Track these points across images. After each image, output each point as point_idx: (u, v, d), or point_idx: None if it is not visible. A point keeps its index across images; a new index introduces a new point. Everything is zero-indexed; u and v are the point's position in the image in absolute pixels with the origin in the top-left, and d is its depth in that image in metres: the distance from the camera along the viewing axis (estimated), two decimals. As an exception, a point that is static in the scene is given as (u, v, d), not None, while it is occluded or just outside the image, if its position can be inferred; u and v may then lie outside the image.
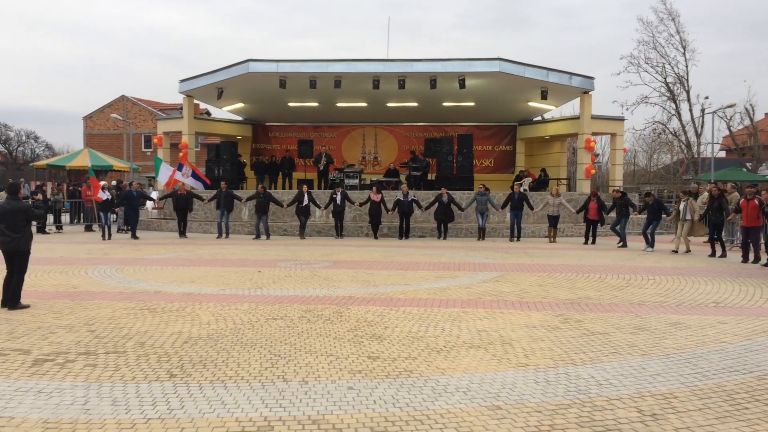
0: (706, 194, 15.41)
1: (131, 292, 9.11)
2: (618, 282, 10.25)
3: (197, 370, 5.21)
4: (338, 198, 18.88)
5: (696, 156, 39.82)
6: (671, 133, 41.97)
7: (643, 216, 17.26)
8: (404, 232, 18.94)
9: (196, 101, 26.99)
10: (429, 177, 24.00)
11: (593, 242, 17.58)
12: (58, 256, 13.54)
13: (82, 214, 23.09)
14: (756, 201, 12.97)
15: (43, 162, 32.79)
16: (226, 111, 27.92)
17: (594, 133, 24.12)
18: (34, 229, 17.40)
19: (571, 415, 4.23)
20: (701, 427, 4.02)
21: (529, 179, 24.90)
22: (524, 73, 21.21)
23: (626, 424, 4.07)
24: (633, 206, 17.27)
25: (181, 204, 19.29)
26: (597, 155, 37.90)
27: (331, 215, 19.70)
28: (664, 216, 16.29)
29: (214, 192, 20.14)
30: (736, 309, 8.05)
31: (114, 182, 23.01)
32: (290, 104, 25.32)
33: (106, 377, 4.99)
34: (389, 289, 9.48)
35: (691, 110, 39.38)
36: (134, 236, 18.61)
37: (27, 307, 7.83)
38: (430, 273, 11.24)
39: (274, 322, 7.06)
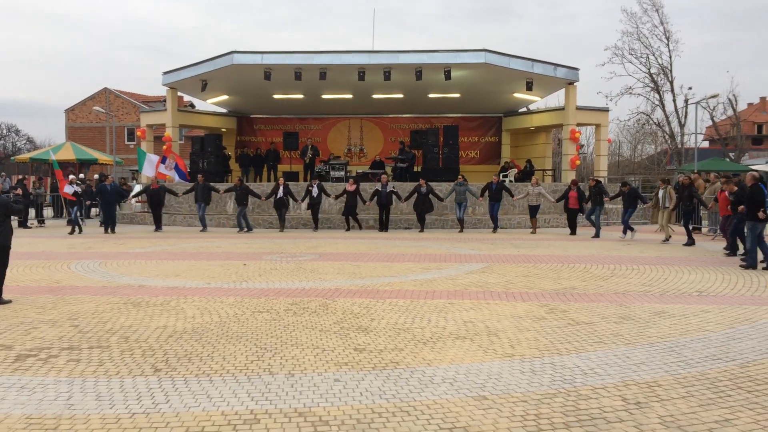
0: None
1: (115, 286, 9.04)
2: (603, 272, 10.32)
3: (182, 364, 5.17)
4: (314, 190, 18.64)
5: (679, 146, 40.15)
6: (655, 123, 42.32)
7: (618, 204, 17.47)
8: (384, 224, 18.68)
9: (180, 93, 26.76)
10: (415, 169, 23.98)
11: (574, 233, 17.49)
12: (40, 251, 13.40)
13: (64, 208, 22.87)
14: (726, 192, 13.09)
15: (26, 156, 32.35)
16: (211, 103, 27.73)
17: (579, 124, 24.21)
18: (15, 223, 17.23)
19: (557, 404, 4.26)
20: (685, 414, 4.06)
21: (515, 170, 24.99)
22: (509, 64, 21.23)
23: (611, 412, 4.10)
24: (607, 194, 17.30)
25: (154, 199, 19.04)
26: (582, 146, 38.04)
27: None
28: (640, 204, 16.44)
29: (191, 185, 20.01)
30: (719, 298, 8.13)
31: (81, 176, 22.77)
32: (275, 96, 25.19)
33: (90, 372, 4.95)
34: (375, 281, 9.48)
35: (674, 101, 39.73)
36: (107, 230, 18.24)
37: (9, 302, 7.74)
38: (416, 264, 11.25)
39: (260, 315, 7.04)
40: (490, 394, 4.45)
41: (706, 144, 50.36)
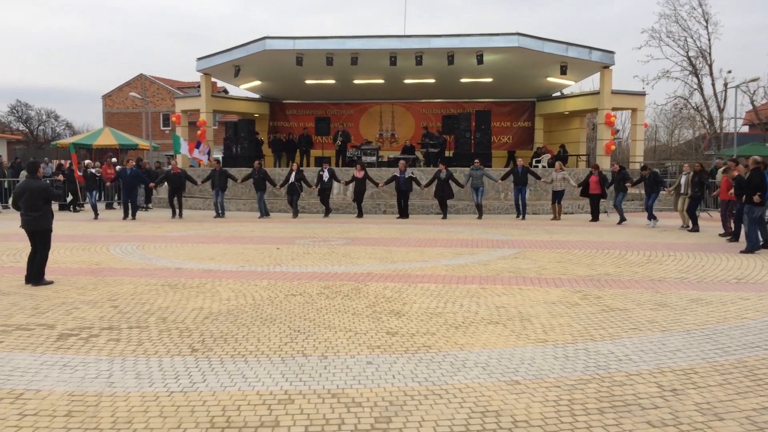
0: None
1: (152, 268, 9.22)
2: (638, 258, 10.18)
3: (218, 344, 5.27)
4: (325, 175, 18.49)
5: (718, 131, 39.21)
6: (693, 108, 41.37)
7: (637, 189, 17.34)
8: (403, 211, 18.30)
9: (213, 79, 27.03)
10: (446, 154, 23.88)
11: (596, 219, 17.29)
12: (81, 234, 13.71)
13: (103, 192, 23.24)
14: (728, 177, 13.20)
15: (67, 141, 33.00)
16: (244, 89, 27.93)
17: (614, 109, 23.85)
18: (55, 207, 17.60)
19: (590, 390, 4.24)
20: (721, 402, 4.01)
21: (548, 155, 24.69)
22: (543, 48, 20.94)
23: (646, 399, 4.07)
24: (630, 179, 17.13)
25: (173, 184, 18.67)
26: (617, 131, 37.41)
27: (349, 193, 19.64)
28: (662, 190, 16.28)
29: (209, 172, 20.05)
30: (758, 285, 7.97)
31: (114, 160, 23.07)
32: (307, 81, 25.27)
33: (129, 351, 5.08)
34: (407, 265, 9.50)
35: (713, 84, 38.73)
36: (126, 216, 17.82)
37: (51, 283, 7.95)
38: (448, 250, 11.24)
39: (293, 298, 7.12)
40: (522, 379, 4.45)
41: (745, 129, 49.05)
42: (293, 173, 18.44)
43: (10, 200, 20.22)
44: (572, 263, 9.72)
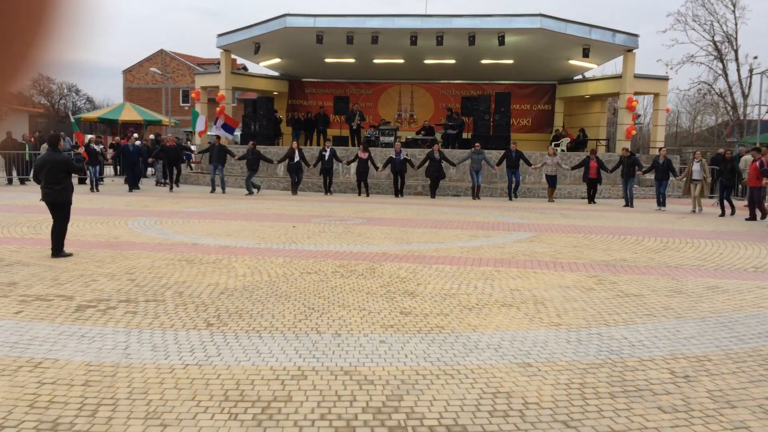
0: None
1: (170, 243, 9.31)
2: (655, 245, 10.11)
3: (233, 320, 5.33)
4: (327, 155, 18.77)
5: (742, 118, 38.58)
6: (717, 93, 40.67)
7: (648, 176, 17.81)
8: (398, 191, 18.91)
9: (233, 56, 26.99)
10: (465, 135, 23.74)
11: (593, 201, 17.88)
12: (99, 207, 13.86)
13: (103, 167, 23.46)
14: (756, 163, 13.87)
15: (93, 114, 33.18)
16: (263, 66, 27.89)
17: (636, 93, 23.49)
18: (75, 180, 17.82)
19: (602, 374, 4.24)
20: (734, 390, 3.99)
21: (567, 139, 24.47)
22: (566, 30, 20.66)
23: (658, 384, 4.06)
24: (640, 166, 17.46)
25: (170, 156, 19.23)
26: (638, 116, 36.94)
27: (353, 173, 19.77)
28: (672, 177, 16.55)
29: (208, 146, 20.28)
30: (776, 275, 7.89)
31: (135, 135, 23.22)
32: (327, 60, 25.15)
33: (146, 324, 5.15)
34: (422, 246, 9.51)
35: (738, 70, 38.02)
36: (131, 189, 18.71)
37: (70, 255, 8.06)
38: (463, 232, 11.22)
39: (308, 276, 7.16)
40: (534, 362, 4.46)
41: (770, 116, 48.21)
42: (296, 152, 18.61)
43: (31, 173, 20.49)
44: (588, 248, 9.67)
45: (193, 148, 23.49)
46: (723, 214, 15.04)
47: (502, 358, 4.51)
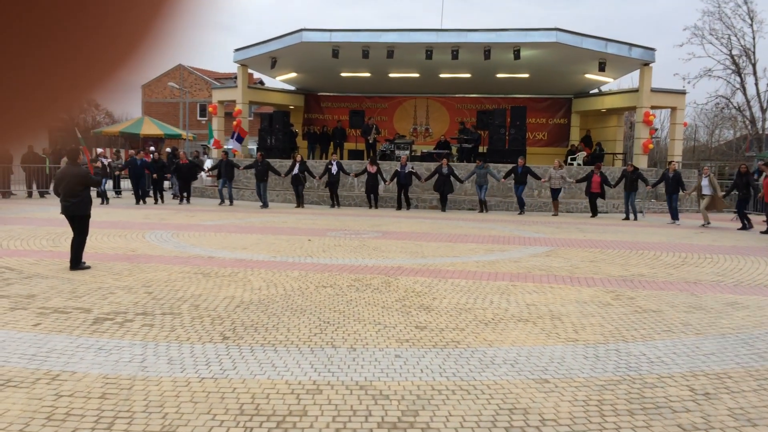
0: None
1: (186, 256, 9.36)
2: (673, 260, 10.00)
3: (249, 333, 5.34)
4: (333, 168, 18.88)
5: (761, 132, 38.23)
6: (735, 108, 40.38)
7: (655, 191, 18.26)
8: (401, 204, 19.00)
9: (250, 71, 27.24)
10: (480, 149, 23.74)
11: (594, 215, 18.05)
12: (117, 220, 13.99)
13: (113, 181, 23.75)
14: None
15: (115, 129, 33.58)
16: (280, 80, 28.10)
17: (653, 107, 23.37)
18: (93, 194, 18.03)
19: (621, 391, 4.19)
20: (756, 407, 3.93)
21: (583, 153, 24.36)
22: (582, 43, 20.63)
23: (677, 402, 4.00)
24: (645, 180, 17.52)
25: (182, 174, 19.69)
26: (656, 130, 36.74)
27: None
28: (681, 191, 16.79)
29: (217, 162, 20.67)
30: (798, 291, 7.77)
31: (152, 148, 23.58)
32: (342, 74, 25.30)
33: (162, 337, 5.17)
34: (438, 260, 9.49)
35: (756, 84, 37.76)
36: (138, 201, 19.22)
37: (88, 268, 8.13)
38: (479, 246, 11.18)
39: (324, 290, 7.16)
40: (552, 378, 4.41)
41: (789, 130, 47.68)
42: (297, 164, 18.69)
43: (51, 186, 20.80)
44: (605, 263, 9.60)
45: (207, 164, 23.74)
46: (743, 227, 15.04)
47: (519, 374, 4.47)
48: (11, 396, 3.87)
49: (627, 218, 17.26)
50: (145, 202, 19.30)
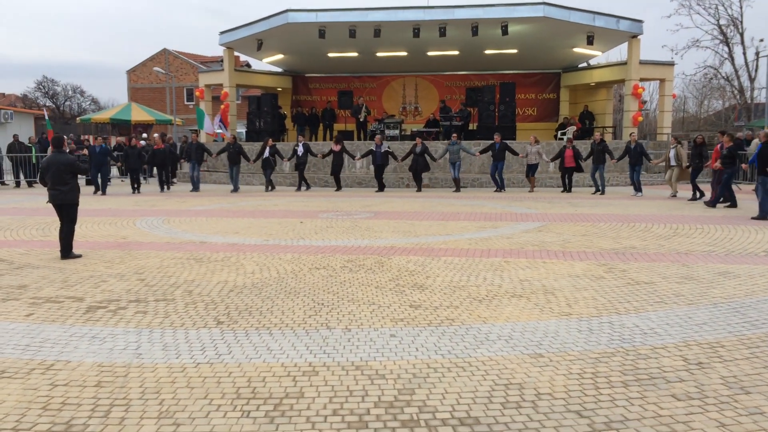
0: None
1: (178, 242, 9.32)
2: (665, 231, 10.05)
3: (243, 317, 5.33)
4: (300, 149, 18.67)
5: (749, 102, 38.30)
6: (723, 78, 40.40)
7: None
8: (381, 184, 18.63)
9: (236, 53, 26.98)
10: (470, 127, 23.66)
11: (569, 190, 17.95)
12: (107, 208, 13.90)
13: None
14: (718, 146, 14.50)
15: (104, 115, 33.15)
16: (267, 63, 27.83)
17: (642, 79, 23.33)
18: (82, 182, 17.85)
19: (615, 363, 4.22)
20: (748, 375, 3.96)
21: (574, 128, 24.34)
22: (569, 17, 20.50)
23: (671, 372, 4.04)
24: (610, 153, 17.53)
25: (157, 160, 19.13)
26: (645, 102, 36.70)
27: (370, 167, 19.71)
28: (646, 161, 16.84)
29: (186, 146, 20.44)
30: (788, 259, 7.83)
31: (145, 135, 23.28)
32: (330, 55, 25.08)
33: (156, 324, 5.16)
34: (430, 239, 9.49)
35: (744, 54, 37.72)
36: (96, 191, 18.05)
37: (79, 256, 8.09)
38: (471, 223, 11.19)
39: (317, 272, 7.16)
40: (546, 352, 4.44)
41: (778, 99, 47.76)
42: (267, 148, 18.55)
43: (38, 175, 20.63)
44: (597, 236, 9.63)
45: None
46: (694, 197, 15.10)
47: (514, 349, 4.50)
48: (6, 387, 3.86)
49: (597, 191, 17.16)
50: (104, 193, 18.00)
